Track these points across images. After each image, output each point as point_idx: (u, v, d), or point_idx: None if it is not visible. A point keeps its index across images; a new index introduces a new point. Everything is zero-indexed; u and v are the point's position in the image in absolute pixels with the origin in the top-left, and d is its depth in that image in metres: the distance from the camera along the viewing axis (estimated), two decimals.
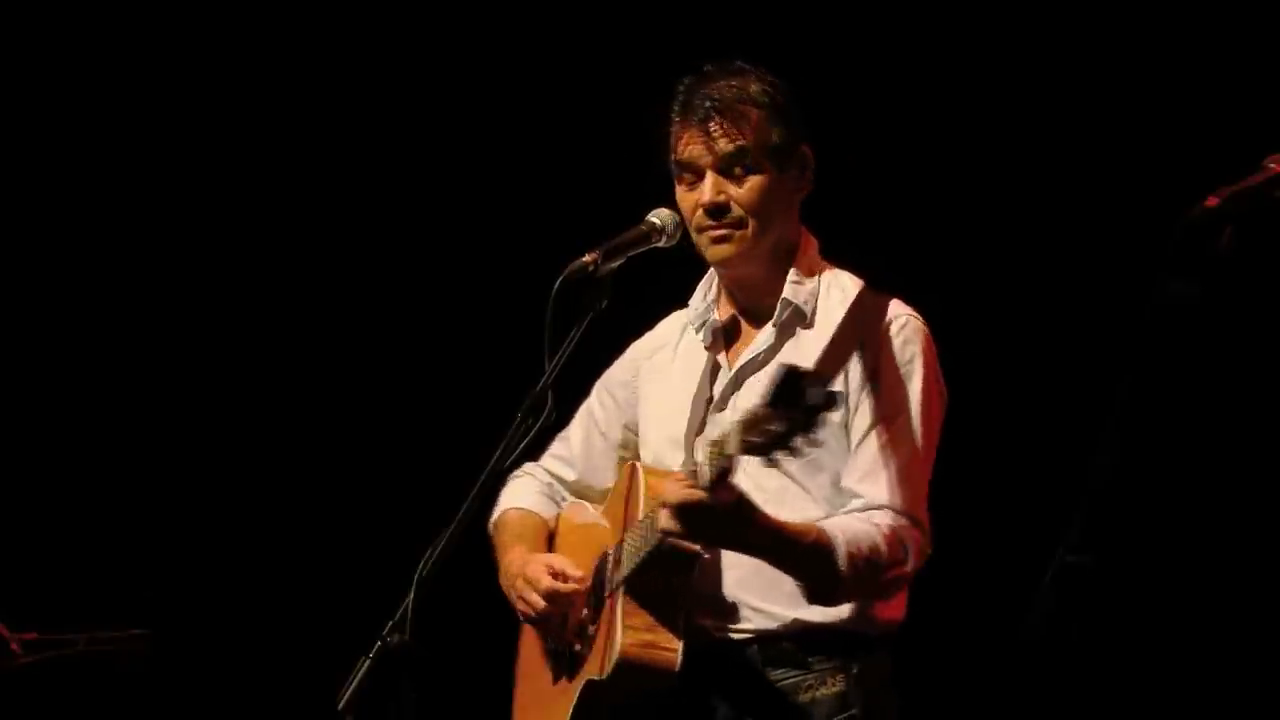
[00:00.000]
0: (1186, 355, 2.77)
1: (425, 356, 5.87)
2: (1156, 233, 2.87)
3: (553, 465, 3.87)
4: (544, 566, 3.60)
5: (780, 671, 3.46)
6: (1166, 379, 2.77)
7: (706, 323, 3.66)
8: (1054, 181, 5.15)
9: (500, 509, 3.83)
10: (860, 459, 3.45)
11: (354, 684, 3.02)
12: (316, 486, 5.92)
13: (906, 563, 3.40)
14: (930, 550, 3.45)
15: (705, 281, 3.70)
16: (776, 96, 3.55)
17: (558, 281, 3.35)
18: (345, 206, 5.97)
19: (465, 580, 3.43)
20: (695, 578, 3.43)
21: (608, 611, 3.48)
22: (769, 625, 3.47)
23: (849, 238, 3.70)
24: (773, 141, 3.53)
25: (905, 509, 3.42)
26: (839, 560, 3.32)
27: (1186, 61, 4.98)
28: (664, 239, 3.52)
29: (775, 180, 3.54)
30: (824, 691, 3.45)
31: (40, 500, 5.92)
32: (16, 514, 5.85)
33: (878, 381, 3.46)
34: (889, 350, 3.47)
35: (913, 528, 3.41)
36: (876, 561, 3.36)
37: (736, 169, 3.52)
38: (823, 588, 3.36)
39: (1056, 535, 2.83)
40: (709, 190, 3.52)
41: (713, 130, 3.52)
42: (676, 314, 3.78)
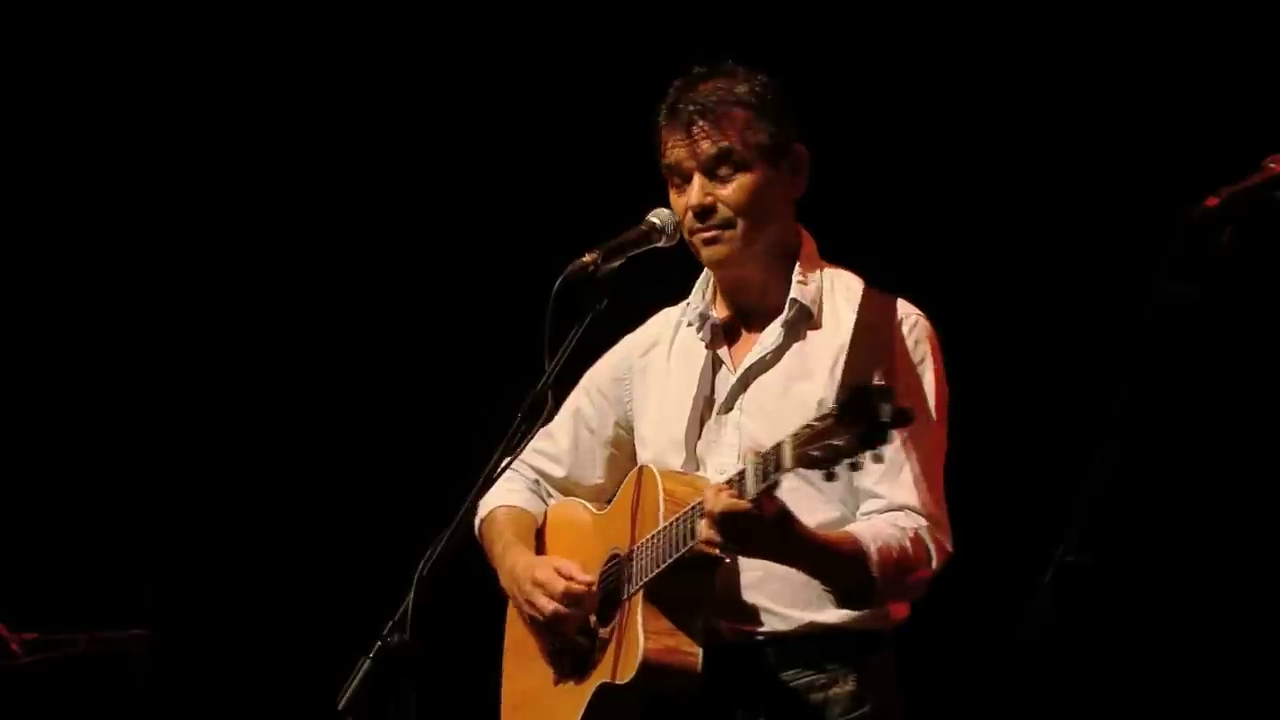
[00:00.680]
0: (1186, 355, 2.77)
1: (425, 357, 5.87)
2: (1156, 233, 2.87)
3: (538, 462, 3.83)
4: (554, 570, 3.57)
5: (794, 672, 3.46)
6: (1166, 379, 2.77)
7: (707, 320, 3.65)
8: (1054, 181, 5.15)
9: (487, 507, 3.79)
10: (876, 460, 3.44)
11: (354, 684, 3.02)
12: (316, 486, 5.92)
13: (930, 564, 3.41)
14: (951, 549, 3.45)
15: (702, 281, 3.68)
16: (765, 95, 3.54)
17: (558, 282, 3.34)
18: (345, 207, 5.97)
19: (465, 580, 3.43)
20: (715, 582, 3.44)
21: (626, 615, 3.47)
22: (782, 627, 3.47)
23: (849, 238, 3.70)
24: (760, 141, 3.52)
25: (927, 510, 3.43)
26: (872, 568, 3.33)
27: (1186, 61, 4.98)
28: (664, 239, 3.52)
29: (764, 180, 3.53)
30: (837, 691, 3.45)
31: (40, 500, 5.92)
32: (16, 514, 5.85)
33: (894, 381, 3.44)
34: (904, 350, 3.48)
35: (935, 528, 3.42)
36: (905, 565, 3.37)
37: (722, 170, 3.52)
38: (856, 594, 3.37)
39: (1056, 535, 2.83)
40: (694, 193, 3.52)
41: (695, 133, 3.52)
42: (666, 311, 3.77)
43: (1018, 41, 5.18)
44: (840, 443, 3.03)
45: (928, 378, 3.49)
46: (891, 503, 3.42)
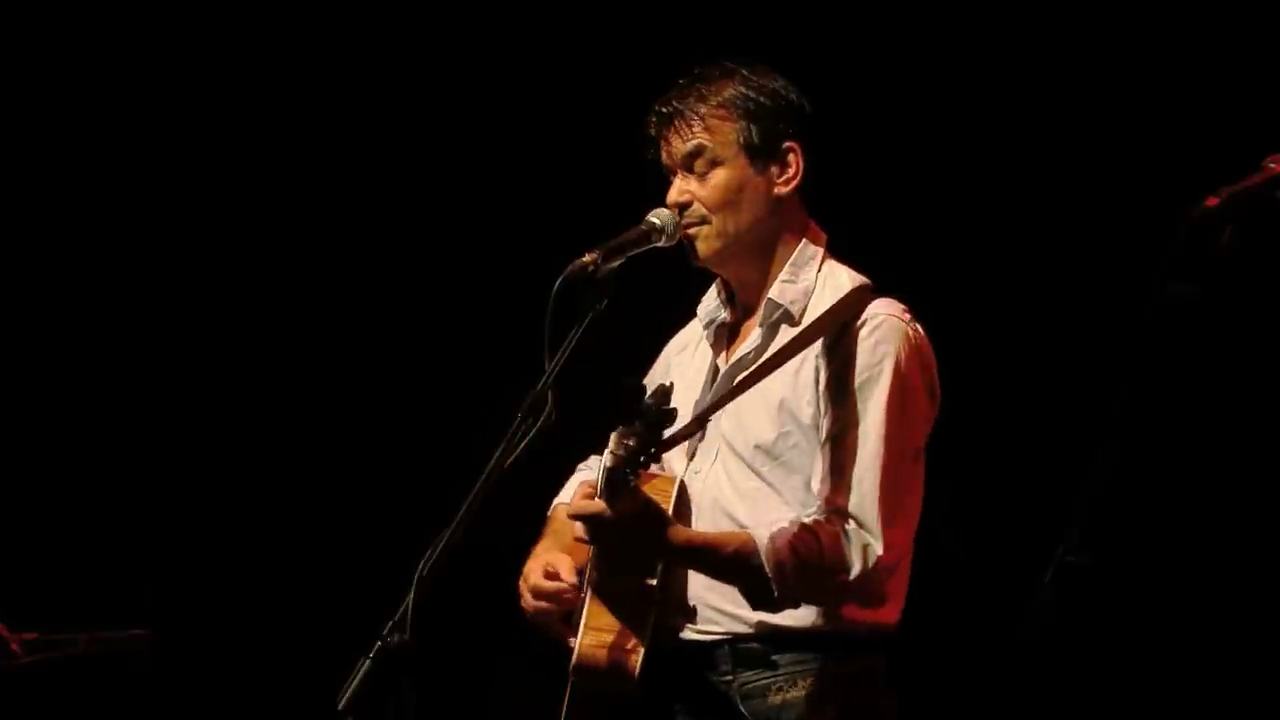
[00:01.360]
0: (1186, 355, 2.77)
1: (425, 357, 5.87)
2: (1156, 233, 2.87)
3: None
4: (541, 566, 3.59)
5: (751, 673, 3.45)
6: (1166, 379, 2.77)
7: (714, 322, 3.67)
8: (1054, 181, 5.15)
9: (556, 501, 3.82)
10: (820, 463, 3.43)
11: (354, 684, 3.02)
12: (316, 486, 5.92)
13: (849, 569, 3.35)
14: (881, 554, 3.36)
15: (718, 280, 3.70)
16: (749, 93, 3.55)
17: (558, 282, 3.34)
18: (345, 208, 5.97)
19: (465, 580, 3.44)
20: (661, 579, 3.42)
21: (579, 612, 3.49)
22: (738, 627, 3.46)
23: (849, 238, 3.70)
24: (737, 138, 3.53)
25: (859, 513, 3.37)
26: (766, 568, 3.32)
27: (1186, 61, 4.98)
28: (664, 239, 3.52)
29: (743, 176, 3.54)
30: (794, 694, 3.43)
31: (40, 500, 5.92)
32: (16, 514, 5.85)
33: (844, 383, 3.43)
34: (857, 351, 3.44)
35: (864, 531, 3.36)
36: (811, 566, 3.32)
37: (698, 167, 3.54)
38: (757, 595, 3.36)
39: (1056, 535, 2.83)
40: (673, 191, 3.56)
41: (670, 134, 3.55)
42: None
43: (1018, 41, 5.18)
44: (631, 442, 3.10)
45: (881, 380, 3.43)
46: (825, 505, 3.40)
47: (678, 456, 3.59)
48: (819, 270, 3.60)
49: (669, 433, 3.19)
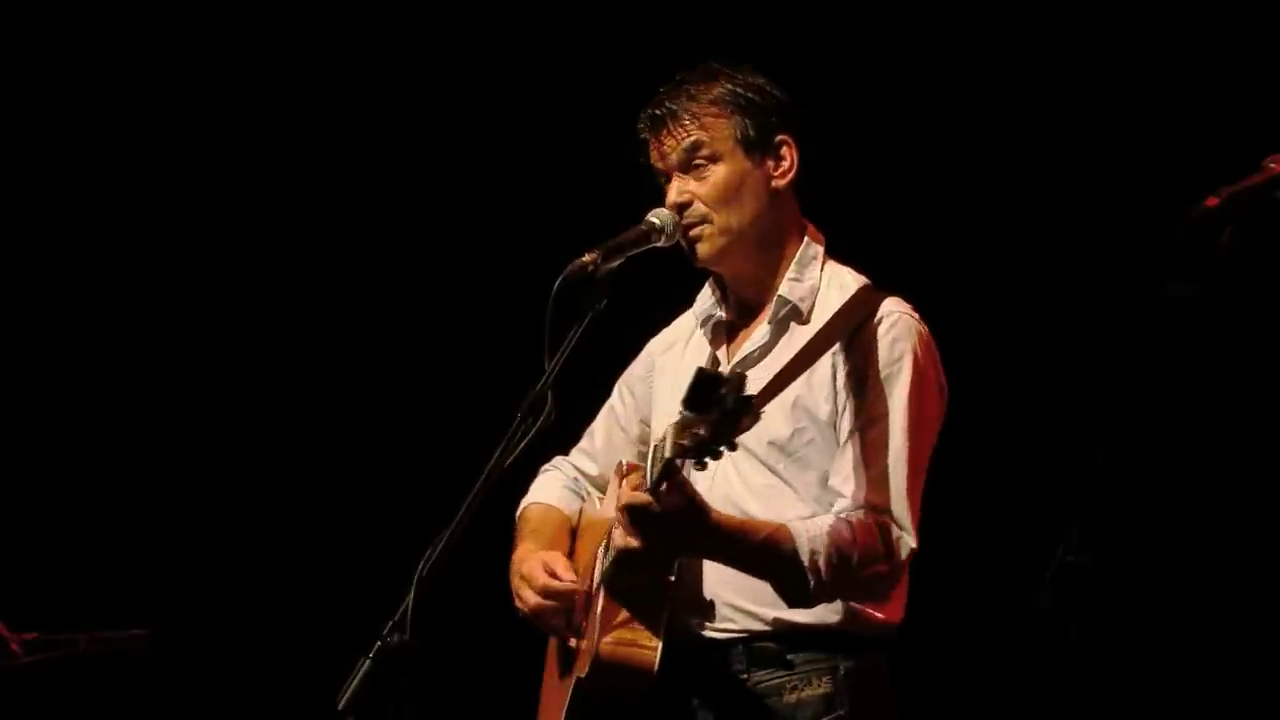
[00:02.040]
0: (1186, 355, 2.77)
1: (425, 357, 5.87)
2: (1156, 233, 2.87)
3: (578, 459, 3.89)
4: (540, 564, 3.60)
5: (765, 672, 3.46)
6: (1166, 379, 2.77)
7: (710, 319, 3.67)
8: (1054, 181, 5.15)
9: (525, 502, 3.84)
10: (844, 459, 3.44)
11: (354, 684, 3.02)
12: (316, 486, 5.92)
13: (885, 561, 3.38)
14: (915, 547, 3.41)
15: (713, 277, 3.70)
16: (738, 89, 3.56)
17: (557, 281, 3.34)
18: (345, 208, 5.97)
19: (466, 580, 3.44)
20: (679, 576, 3.42)
21: (592, 610, 3.49)
22: (754, 625, 3.46)
23: (849, 238, 3.70)
24: (732, 134, 3.54)
25: (889, 507, 3.40)
26: (803, 560, 3.32)
27: (1186, 61, 4.98)
28: (664, 239, 3.53)
29: (740, 172, 3.55)
30: (809, 692, 3.44)
31: (40, 500, 5.92)
32: (16, 514, 5.85)
33: (864, 380, 3.45)
34: (877, 348, 3.46)
35: (892, 525, 3.39)
36: (848, 560, 3.33)
37: (696, 166, 3.55)
38: (793, 589, 3.35)
39: (1056, 535, 2.83)
40: (671, 191, 3.57)
41: (664, 134, 3.56)
42: (692, 310, 3.80)
43: (1018, 41, 5.18)
44: (701, 431, 3.04)
45: (902, 377, 3.45)
46: (853, 501, 3.41)
47: None
48: (822, 269, 3.61)
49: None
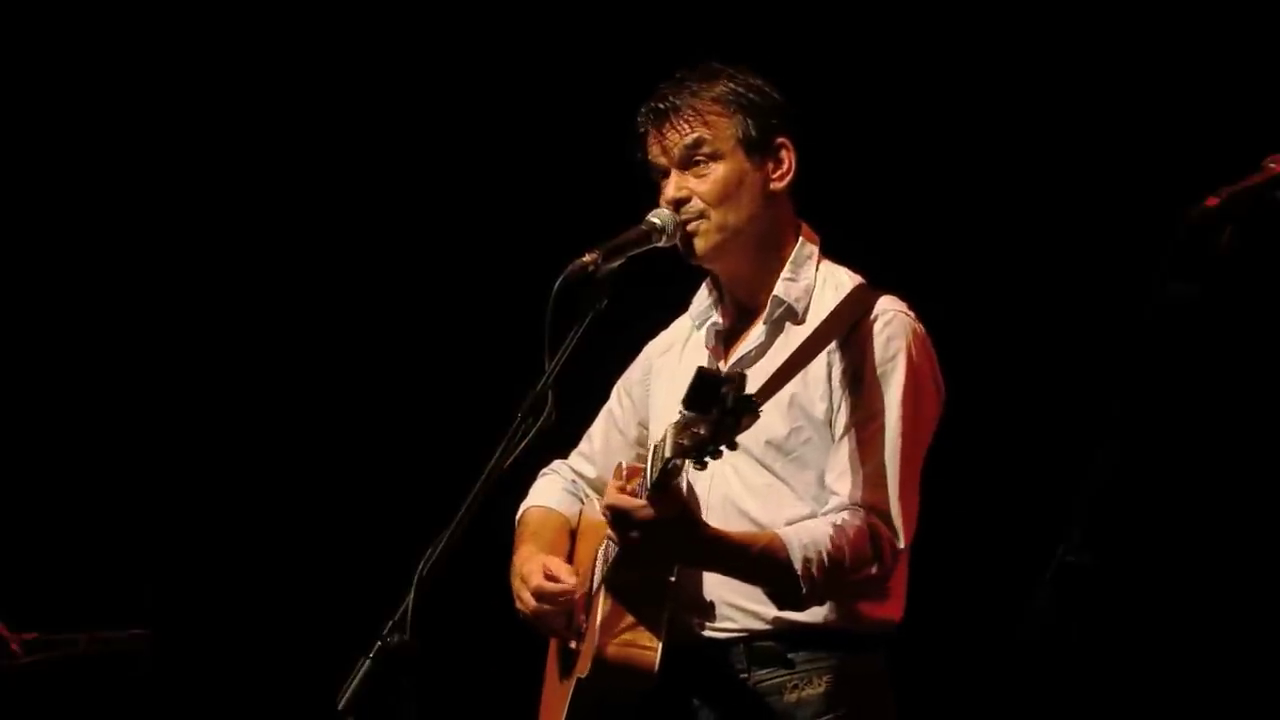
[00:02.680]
0: (1186, 355, 2.77)
1: (425, 357, 5.87)
2: (1156, 233, 2.87)
3: (576, 462, 3.89)
4: (540, 567, 3.60)
5: (765, 671, 3.46)
6: (1166, 379, 2.77)
7: (708, 321, 3.68)
8: (1054, 181, 5.15)
9: (524, 506, 3.85)
10: (839, 456, 3.45)
11: (354, 684, 3.02)
12: (316, 486, 5.92)
13: (875, 564, 3.38)
14: (903, 547, 3.42)
15: (709, 280, 3.71)
16: (739, 89, 3.56)
17: (558, 281, 3.34)
18: (345, 208, 5.97)
19: (466, 580, 3.44)
20: (679, 576, 3.43)
21: (592, 611, 3.49)
22: (754, 624, 3.47)
23: (849, 238, 3.70)
24: (733, 133, 3.54)
25: (876, 506, 3.40)
26: (796, 568, 3.32)
27: (1186, 61, 4.98)
28: (664, 239, 3.53)
29: (739, 170, 3.55)
30: (809, 691, 3.44)
31: (40, 500, 5.92)
32: (16, 514, 5.85)
33: (859, 378, 3.45)
34: (872, 346, 3.47)
35: (882, 525, 3.40)
36: (839, 565, 3.34)
37: (695, 163, 3.55)
38: (785, 594, 3.36)
39: (1056, 535, 2.83)
40: (670, 187, 3.56)
41: (665, 130, 3.56)
42: (688, 312, 3.79)
43: (1018, 41, 5.18)
44: (701, 431, 3.04)
45: (896, 375, 3.46)
46: (844, 499, 3.41)
47: None
48: (817, 269, 3.61)
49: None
